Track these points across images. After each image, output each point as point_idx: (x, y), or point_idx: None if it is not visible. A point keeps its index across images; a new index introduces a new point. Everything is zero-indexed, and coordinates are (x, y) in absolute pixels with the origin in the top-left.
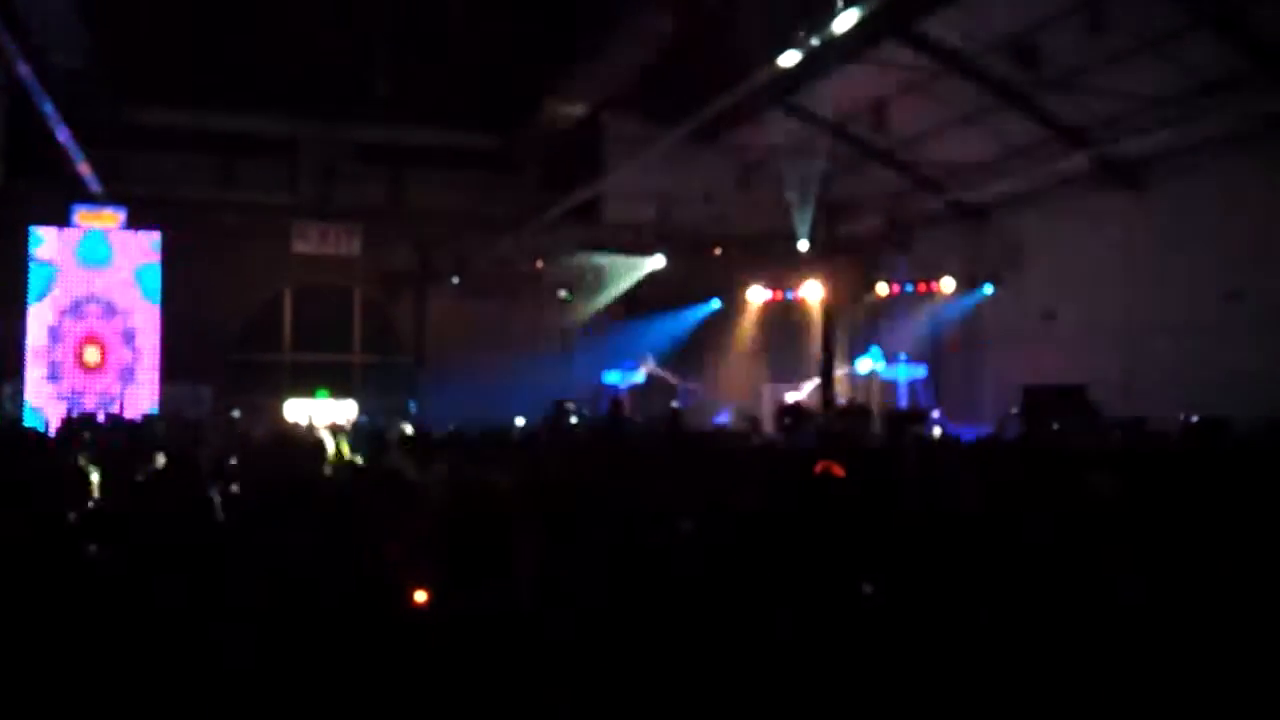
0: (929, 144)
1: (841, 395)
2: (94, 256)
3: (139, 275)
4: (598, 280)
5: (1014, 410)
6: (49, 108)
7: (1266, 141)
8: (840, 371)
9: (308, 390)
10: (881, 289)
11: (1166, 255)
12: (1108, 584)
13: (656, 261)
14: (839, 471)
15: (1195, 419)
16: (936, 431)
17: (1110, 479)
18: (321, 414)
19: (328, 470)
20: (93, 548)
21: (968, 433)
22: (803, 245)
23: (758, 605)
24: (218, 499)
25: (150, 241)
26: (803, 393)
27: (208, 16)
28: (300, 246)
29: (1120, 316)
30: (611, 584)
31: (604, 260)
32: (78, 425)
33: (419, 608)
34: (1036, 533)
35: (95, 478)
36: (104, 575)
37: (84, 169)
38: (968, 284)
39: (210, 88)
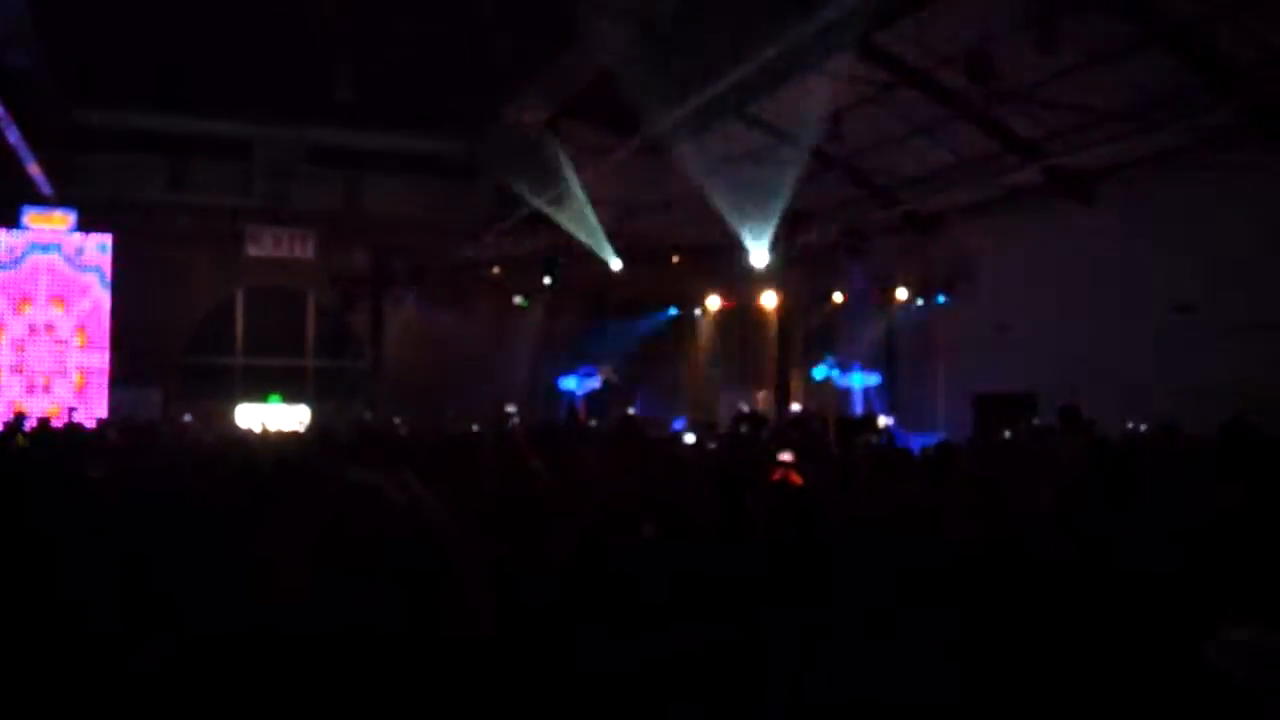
0: (883, 155)
1: (796, 402)
2: (42, 259)
3: (88, 277)
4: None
5: None
6: None
7: (1215, 155)
8: (795, 379)
9: (260, 395)
10: (837, 297)
11: (1116, 267)
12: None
13: (614, 264)
14: (796, 479)
15: (1144, 428)
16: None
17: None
18: (273, 419)
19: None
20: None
21: (918, 440)
22: (759, 255)
23: (725, 611)
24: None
25: (100, 244)
26: (758, 400)
27: (160, 17)
28: (253, 250)
29: (1071, 327)
30: (575, 590)
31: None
32: (18, 430)
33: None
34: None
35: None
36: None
37: (34, 170)
38: (921, 293)
39: (162, 89)
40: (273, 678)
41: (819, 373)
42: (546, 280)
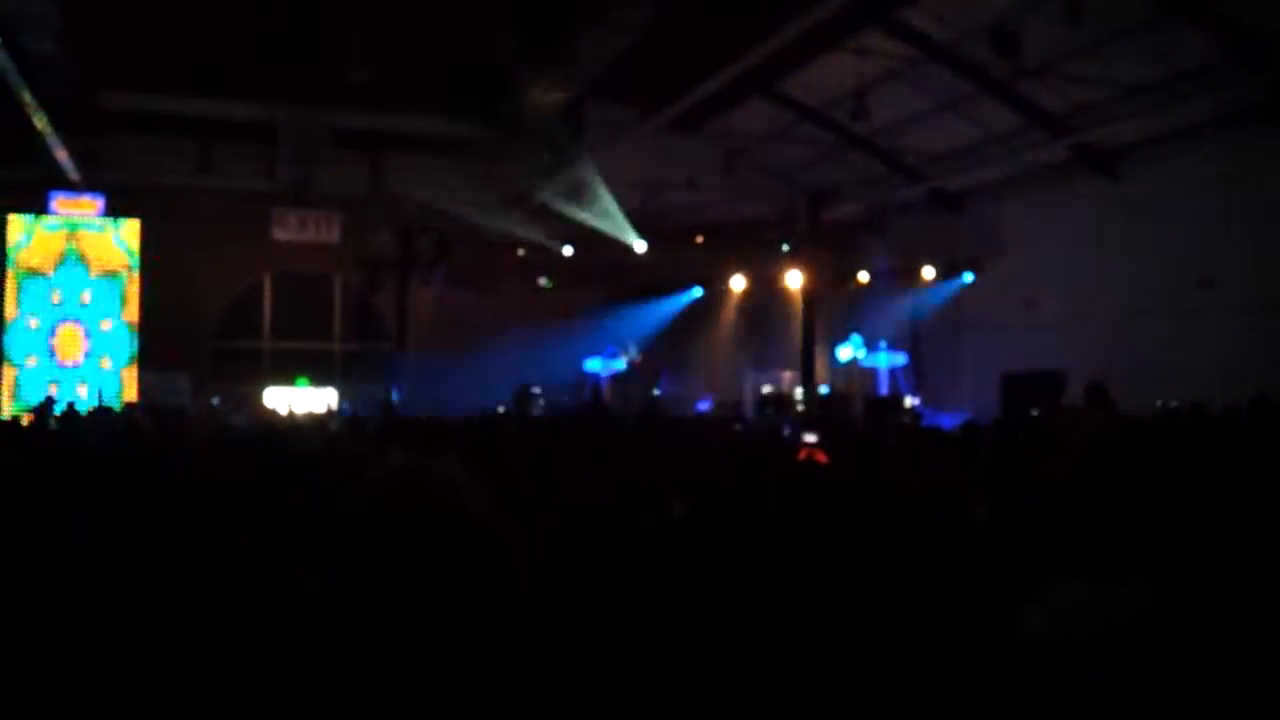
0: (909, 131)
1: (822, 383)
2: (72, 243)
3: (116, 262)
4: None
5: None
6: (25, 94)
7: (1241, 129)
8: (821, 359)
9: (288, 378)
10: (862, 276)
11: (1142, 242)
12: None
13: (638, 246)
14: (822, 458)
15: (1174, 404)
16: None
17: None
18: (302, 402)
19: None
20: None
21: (945, 420)
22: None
23: (751, 592)
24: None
25: (129, 228)
26: (784, 380)
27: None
28: (279, 233)
29: (1097, 303)
30: (599, 571)
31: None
32: (49, 414)
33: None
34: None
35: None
36: (87, 564)
37: (61, 156)
38: (947, 271)
39: (187, 72)
40: (316, 650)
41: (845, 350)
42: (567, 250)
